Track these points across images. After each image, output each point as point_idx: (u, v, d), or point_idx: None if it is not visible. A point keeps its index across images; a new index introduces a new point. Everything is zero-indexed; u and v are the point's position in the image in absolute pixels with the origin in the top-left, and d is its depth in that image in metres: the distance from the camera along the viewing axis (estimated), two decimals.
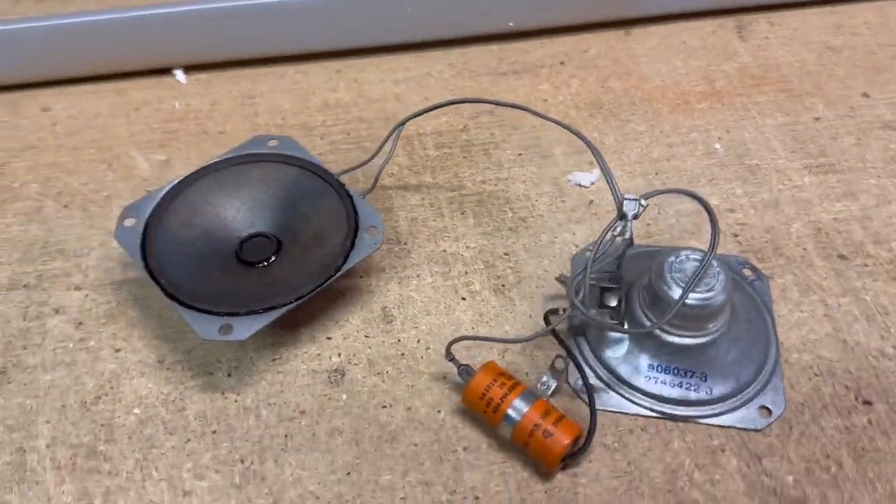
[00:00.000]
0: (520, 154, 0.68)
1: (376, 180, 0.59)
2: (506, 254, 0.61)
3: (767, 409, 0.53)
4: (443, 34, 0.76)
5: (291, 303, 0.50)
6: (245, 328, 0.49)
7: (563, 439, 0.48)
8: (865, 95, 0.72)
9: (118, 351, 0.56)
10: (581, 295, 0.48)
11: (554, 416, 0.49)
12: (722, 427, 0.52)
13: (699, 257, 0.52)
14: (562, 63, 0.76)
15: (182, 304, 0.50)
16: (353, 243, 0.53)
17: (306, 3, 0.72)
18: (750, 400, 0.53)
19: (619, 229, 0.48)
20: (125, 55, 0.72)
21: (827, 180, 0.66)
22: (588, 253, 0.61)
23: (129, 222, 0.54)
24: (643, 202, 0.48)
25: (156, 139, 0.69)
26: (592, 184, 0.66)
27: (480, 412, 0.50)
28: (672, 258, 0.52)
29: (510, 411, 0.49)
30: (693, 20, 0.80)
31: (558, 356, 0.53)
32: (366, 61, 0.76)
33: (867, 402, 0.53)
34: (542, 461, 0.49)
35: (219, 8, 0.71)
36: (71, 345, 0.56)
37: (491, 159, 0.68)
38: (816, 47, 0.77)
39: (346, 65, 0.76)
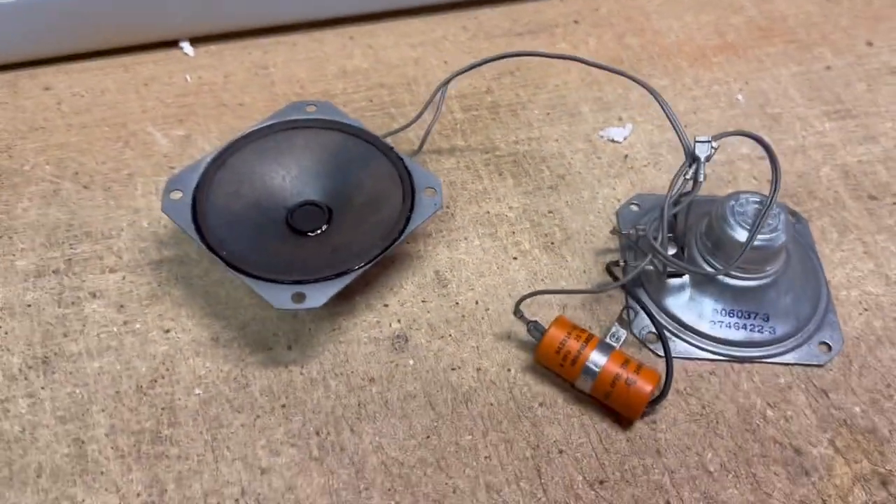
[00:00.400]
0: (548, 113, 0.68)
1: (423, 141, 0.58)
2: (550, 212, 0.61)
3: (827, 344, 0.54)
4: None
5: (362, 266, 0.48)
6: (319, 295, 0.47)
7: (646, 386, 0.48)
8: (869, 44, 0.74)
9: (168, 332, 0.53)
10: (660, 241, 0.48)
11: (633, 365, 0.49)
12: (786, 365, 0.53)
13: (758, 199, 0.52)
14: (576, 22, 0.76)
15: (249, 275, 0.48)
16: (412, 205, 0.52)
17: None
18: (810, 337, 0.54)
19: (690, 172, 0.48)
20: (127, 28, 0.68)
21: (846, 125, 0.68)
22: (633, 206, 0.61)
23: (175, 195, 0.51)
24: (714, 144, 0.48)
25: (171, 114, 0.66)
26: (625, 138, 0.66)
27: (556, 367, 0.50)
28: (732, 202, 0.52)
29: (589, 363, 0.49)
30: None
31: (625, 307, 0.53)
32: (378, 26, 0.74)
33: None
34: (625, 410, 0.49)
35: None
36: (115, 329, 0.53)
37: (520, 119, 0.67)
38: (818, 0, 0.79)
39: (359, 31, 0.74)
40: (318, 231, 0.53)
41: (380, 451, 0.48)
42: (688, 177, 0.48)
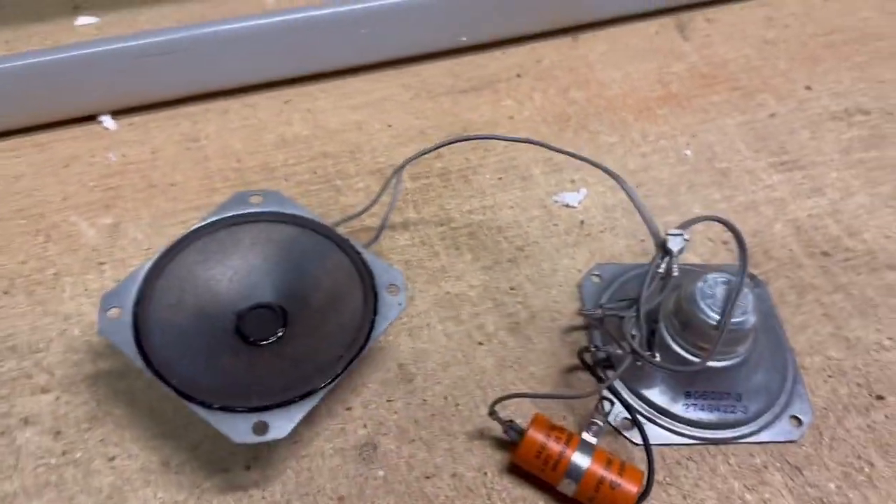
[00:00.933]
0: (499, 178, 0.65)
1: (380, 232, 0.55)
2: (511, 288, 0.59)
3: (798, 418, 0.54)
4: (395, 54, 0.71)
5: (328, 384, 0.45)
6: (283, 423, 0.43)
7: (631, 488, 0.46)
8: (808, 88, 0.75)
9: (112, 459, 0.49)
10: (637, 339, 0.47)
11: (616, 465, 0.47)
12: (760, 444, 0.53)
13: (725, 280, 0.51)
14: (518, 76, 0.74)
15: (203, 404, 0.44)
16: (375, 307, 0.49)
17: (244, 29, 0.65)
18: (781, 412, 0.54)
19: (663, 266, 0.47)
20: (40, 104, 0.62)
21: (793, 177, 0.68)
22: (594, 277, 0.60)
23: (113, 313, 0.47)
24: (686, 236, 0.46)
25: (96, 199, 0.61)
26: (580, 203, 0.64)
27: (537, 471, 0.48)
28: (701, 283, 0.51)
29: (572, 467, 0.47)
30: (635, 22, 0.80)
31: (602, 398, 0.51)
32: (315, 87, 0.70)
33: (880, 397, 0.55)
34: None
35: (141, 45, 0.63)
36: (53, 460, 0.48)
37: (472, 186, 0.65)
38: (755, 41, 0.79)
39: (295, 93, 0.70)
40: (273, 338, 0.50)
41: None
42: (660, 271, 0.47)
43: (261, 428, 0.43)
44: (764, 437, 0.53)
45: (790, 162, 0.69)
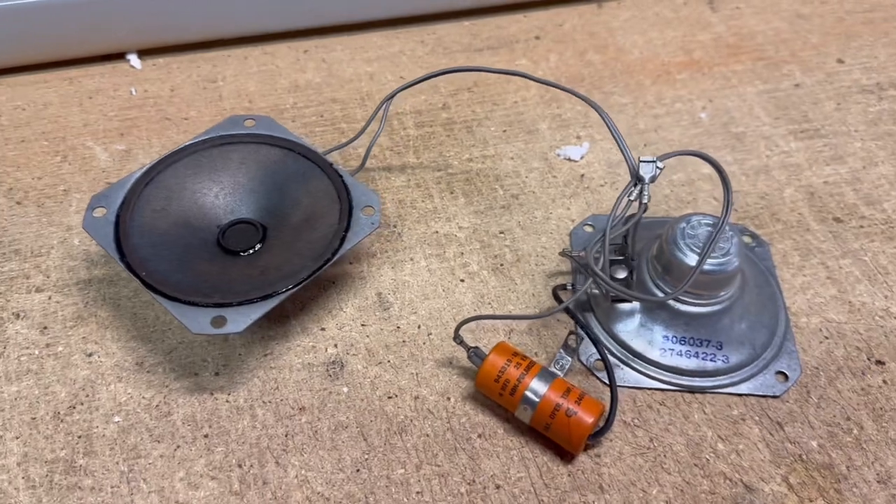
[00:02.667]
0: (504, 130, 0.66)
1: (366, 157, 0.56)
2: (501, 232, 0.59)
3: (784, 374, 0.51)
4: (414, 10, 0.72)
5: (289, 289, 0.46)
6: (240, 319, 0.45)
7: (587, 417, 0.45)
8: (840, 61, 0.72)
9: (90, 355, 0.51)
10: (601, 264, 0.46)
11: (575, 394, 0.46)
12: (740, 395, 0.50)
13: (710, 222, 0.50)
14: (537, 38, 0.74)
15: (166, 296, 0.45)
16: (348, 224, 0.49)
17: None
18: (766, 366, 0.51)
19: (635, 193, 0.46)
20: (73, 40, 0.66)
21: (813, 145, 0.65)
22: (587, 227, 0.59)
23: (98, 212, 0.49)
24: (659, 164, 0.45)
25: (113, 128, 0.64)
26: (582, 157, 0.64)
27: (496, 396, 0.48)
28: (683, 224, 0.50)
29: (529, 392, 0.46)
30: None
31: (571, 333, 0.50)
32: (334, 40, 0.72)
33: (880, 362, 0.52)
34: (566, 442, 0.46)
35: None
36: (37, 351, 0.51)
37: (475, 137, 0.65)
38: (788, 16, 0.77)
39: (314, 44, 0.72)
40: (251, 251, 0.51)
41: (305, 486, 0.46)
42: (632, 198, 0.46)
43: (219, 322, 0.45)
44: (744, 388, 0.50)
45: (811, 130, 0.66)
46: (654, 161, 0.45)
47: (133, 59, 0.69)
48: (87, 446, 0.47)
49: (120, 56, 0.69)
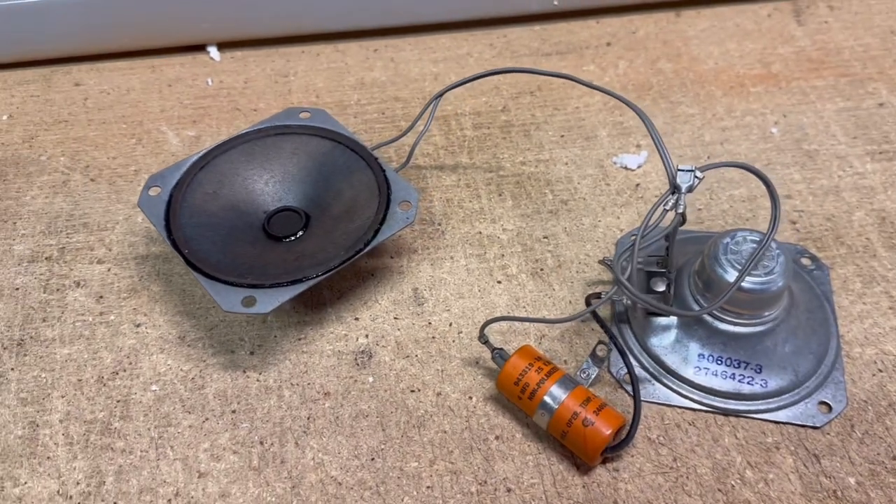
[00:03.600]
0: (562, 136, 0.65)
1: (411, 154, 0.57)
2: (545, 237, 0.58)
3: (827, 404, 0.48)
4: (484, 13, 0.73)
5: (318, 276, 0.47)
6: (269, 301, 0.46)
7: (604, 429, 0.44)
8: None
9: (138, 326, 0.54)
10: (627, 273, 0.45)
11: (595, 404, 0.45)
12: (777, 423, 0.48)
13: (757, 238, 0.48)
14: (608, 44, 0.73)
15: (204, 274, 0.47)
16: (384, 218, 0.50)
17: None
18: (809, 395, 0.49)
19: (671, 203, 0.44)
20: (159, 31, 0.70)
21: (891, 167, 0.61)
22: (634, 237, 0.58)
23: (153, 191, 0.52)
24: (699, 174, 0.44)
25: (187, 115, 0.67)
26: (640, 166, 0.62)
27: (515, 399, 0.47)
28: (728, 239, 0.48)
29: (547, 398, 0.46)
30: (748, 3, 0.76)
31: (600, 343, 0.49)
32: (404, 41, 0.73)
33: None
34: (581, 452, 0.45)
35: None
36: (90, 318, 0.54)
37: (531, 140, 0.65)
38: (880, 31, 0.73)
39: (384, 44, 0.73)
40: (292, 237, 0.53)
41: (320, 469, 0.47)
42: (667, 207, 0.44)
43: (249, 301, 0.46)
44: (781, 416, 0.48)
45: (891, 152, 0.62)
46: (692, 170, 0.44)
47: (213, 51, 0.72)
48: (124, 410, 0.49)
49: (201, 48, 0.73)
